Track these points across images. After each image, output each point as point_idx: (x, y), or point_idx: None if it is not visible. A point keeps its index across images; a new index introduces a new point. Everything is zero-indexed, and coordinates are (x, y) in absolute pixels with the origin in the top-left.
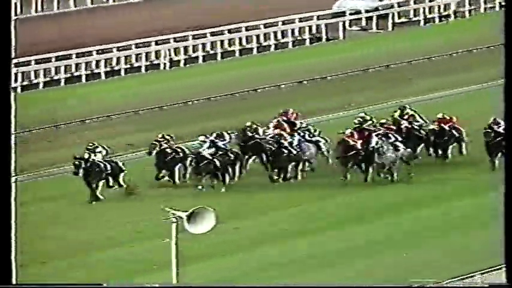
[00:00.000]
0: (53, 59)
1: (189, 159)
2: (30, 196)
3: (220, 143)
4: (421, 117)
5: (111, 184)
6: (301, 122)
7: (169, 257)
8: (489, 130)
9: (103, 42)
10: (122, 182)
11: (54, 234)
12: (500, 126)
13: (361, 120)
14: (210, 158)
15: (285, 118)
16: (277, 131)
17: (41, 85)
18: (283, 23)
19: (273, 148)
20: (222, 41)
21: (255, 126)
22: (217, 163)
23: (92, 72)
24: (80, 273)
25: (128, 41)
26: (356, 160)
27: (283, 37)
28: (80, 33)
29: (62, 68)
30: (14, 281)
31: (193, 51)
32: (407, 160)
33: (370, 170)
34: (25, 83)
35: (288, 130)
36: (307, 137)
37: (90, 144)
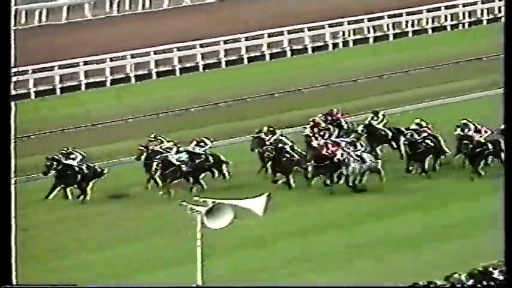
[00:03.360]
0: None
1: (155, 164)
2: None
3: (198, 149)
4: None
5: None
6: (331, 121)
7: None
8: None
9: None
10: (88, 190)
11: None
12: (481, 136)
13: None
14: (177, 164)
15: (329, 117)
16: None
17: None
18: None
19: (273, 154)
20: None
21: (271, 129)
22: (184, 169)
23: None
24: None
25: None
26: (327, 170)
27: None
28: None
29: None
30: (14, 281)
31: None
32: (375, 171)
33: (335, 179)
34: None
35: (323, 128)
36: (333, 137)
37: (65, 149)
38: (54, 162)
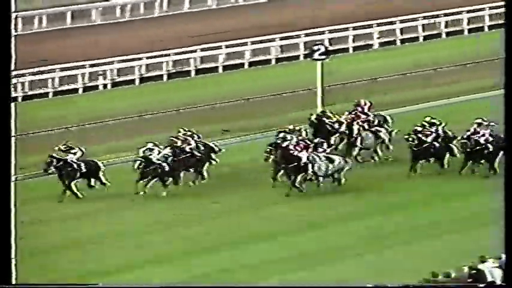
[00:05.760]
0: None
1: (137, 163)
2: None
3: (187, 147)
4: None
5: (92, 184)
6: (366, 113)
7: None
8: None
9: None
10: (103, 180)
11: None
12: (481, 136)
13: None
14: (158, 162)
15: (359, 109)
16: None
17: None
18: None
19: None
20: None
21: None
22: (166, 168)
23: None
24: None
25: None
26: (293, 171)
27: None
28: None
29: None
30: (13, 281)
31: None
32: (340, 170)
33: (299, 178)
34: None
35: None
36: (366, 126)
37: (64, 145)
38: (54, 160)
